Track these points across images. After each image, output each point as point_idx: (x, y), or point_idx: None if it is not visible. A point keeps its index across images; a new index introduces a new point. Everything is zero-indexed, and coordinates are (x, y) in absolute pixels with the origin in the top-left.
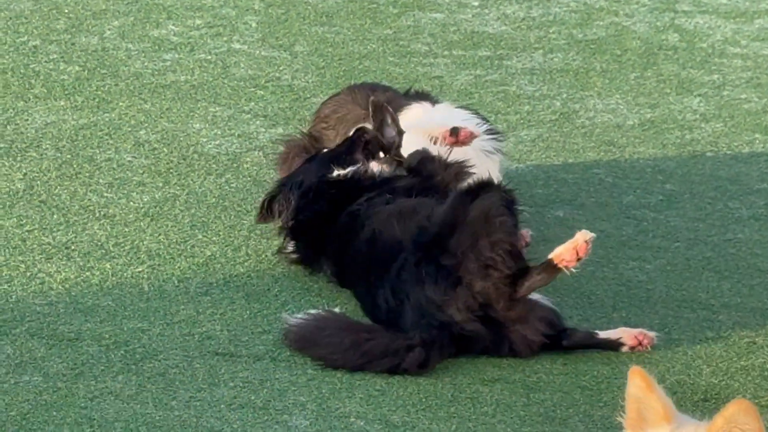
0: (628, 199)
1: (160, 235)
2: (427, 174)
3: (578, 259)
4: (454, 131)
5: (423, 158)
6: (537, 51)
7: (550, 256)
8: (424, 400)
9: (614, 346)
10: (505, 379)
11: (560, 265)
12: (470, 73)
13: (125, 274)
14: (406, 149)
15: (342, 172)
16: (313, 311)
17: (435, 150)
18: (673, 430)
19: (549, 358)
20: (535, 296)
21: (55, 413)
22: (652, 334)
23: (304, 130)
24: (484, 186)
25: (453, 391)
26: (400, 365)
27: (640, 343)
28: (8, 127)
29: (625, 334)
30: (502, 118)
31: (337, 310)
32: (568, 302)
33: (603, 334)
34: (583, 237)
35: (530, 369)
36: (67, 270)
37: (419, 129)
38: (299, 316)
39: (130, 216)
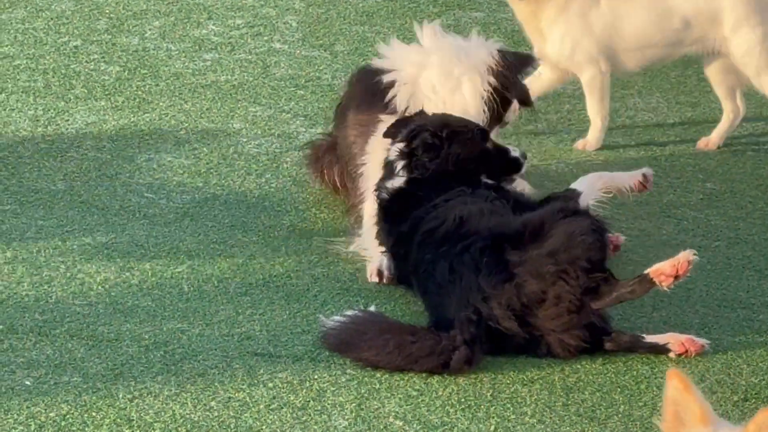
0: (669, 197)
1: (200, 235)
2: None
3: (676, 278)
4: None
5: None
6: None
7: (648, 270)
8: (463, 400)
9: (660, 351)
10: (545, 379)
11: (656, 280)
12: None
13: (165, 274)
14: None
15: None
16: (349, 312)
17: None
18: None
19: (589, 357)
20: None
21: (94, 414)
22: (701, 341)
23: (327, 131)
24: (579, 211)
25: (492, 391)
26: (446, 365)
27: (687, 351)
28: (49, 127)
29: (672, 340)
30: (542, 118)
31: (372, 308)
32: None
33: (650, 338)
34: (686, 257)
35: (570, 369)
36: (107, 270)
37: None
38: (336, 318)
39: (170, 216)
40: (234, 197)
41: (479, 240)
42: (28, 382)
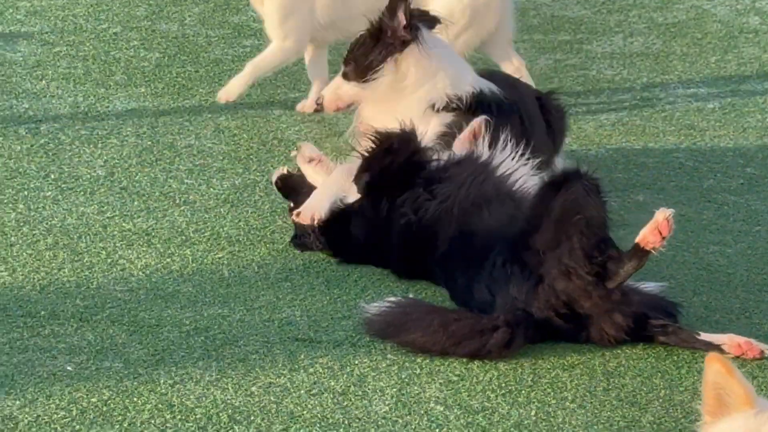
0: (709, 183)
1: (240, 221)
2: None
3: (663, 238)
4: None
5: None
6: (617, 35)
7: (636, 240)
8: (503, 385)
9: (714, 351)
10: (585, 364)
11: (647, 248)
12: (550, 58)
13: (205, 260)
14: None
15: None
16: (392, 298)
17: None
18: (756, 414)
19: (629, 343)
20: (648, 286)
21: (135, 399)
22: (761, 346)
23: None
24: (567, 176)
25: (533, 376)
26: (486, 346)
27: (743, 353)
28: (89, 114)
29: (729, 341)
30: (582, 103)
31: (410, 296)
32: None
33: (706, 337)
34: (663, 215)
35: (610, 354)
36: (147, 256)
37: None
38: (378, 304)
39: (211, 202)
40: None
41: (498, 255)
42: (69, 368)
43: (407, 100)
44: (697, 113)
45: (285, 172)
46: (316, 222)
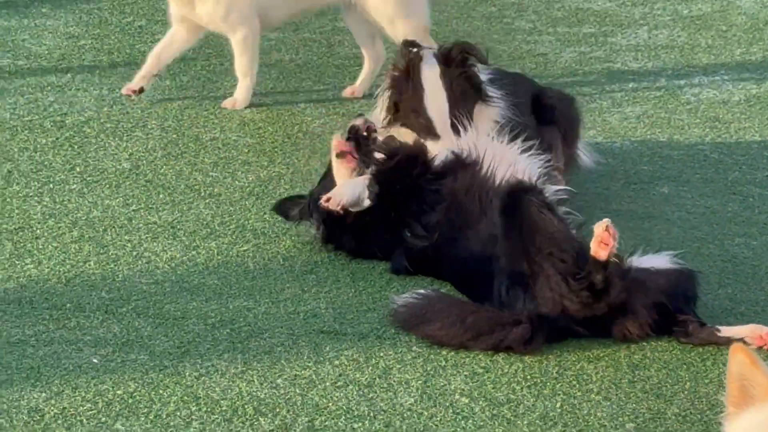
0: (734, 175)
1: (265, 213)
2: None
3: (611, 246)
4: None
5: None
6: (642, 27)
7: (591, 255)
8: (529, 377)
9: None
10: (611, 357)
11: (603, 258)
12: (575, 50)
13: (231, 252)
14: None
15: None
16: (421, 291)
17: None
18: None
19: (654, 335)
20: (658, 260)
21: (161, 391)
22: None
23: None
24: (514, 198)
25: (558, 368)
26: (505, 340)
27: (766, 344)
28: (114, 107)
29: (751, 333)
30: (606, 95)
31: (438, 288)
32: None
33: (727, 332)
34: (600, 229)
35: (636, 346)
36: (172, 249)
37: None
38: (406, 296)
39: (236, 195)
40: (299, 176)
41: (500, 282)
42: (95, 360)
43: None
44: (722, 105)
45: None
46: (340, 208)
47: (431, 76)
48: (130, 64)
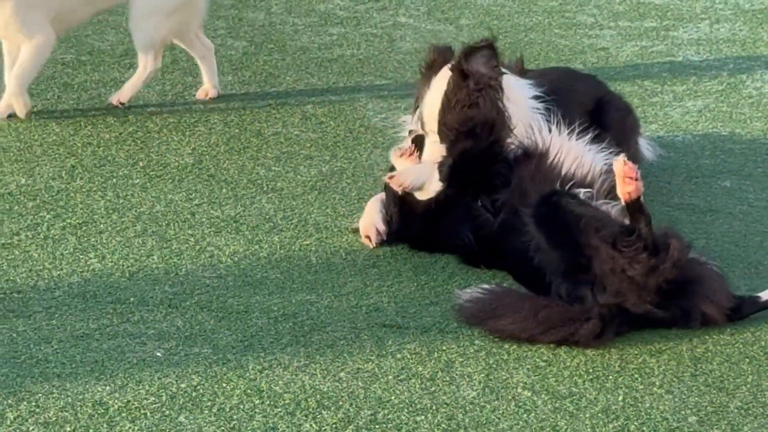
0: None
1: (327, 208)
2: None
3: (636, 181)
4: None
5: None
6: (703, 21)
7: (623, 201)
8: (591, 371)
9: None
10: (673, 350)
11: (633, 198)
12: (636, 45)
13: (293, 247)
14: None
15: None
16: (486, 285)
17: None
18: None
19: (716, 328)
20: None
21: (224, 385)
22: None
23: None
24: (549, 204)
25: (620, 362)
26: (574, 335)
27: None
28: (177, 102)
29: None
30: (668, 89)
31: (501, 283)
32: (735, 272)
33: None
34: (619, 166)
35: (698, 340)
36: (235, 243)
37: None
38: (471, 290)
39: (298, 189)
40: (361, 170)
41: (557, 286)
42: (159, 354)
43: None
44: None
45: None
46: (401, 190)
47: (443, 76)
48: (192, 59)
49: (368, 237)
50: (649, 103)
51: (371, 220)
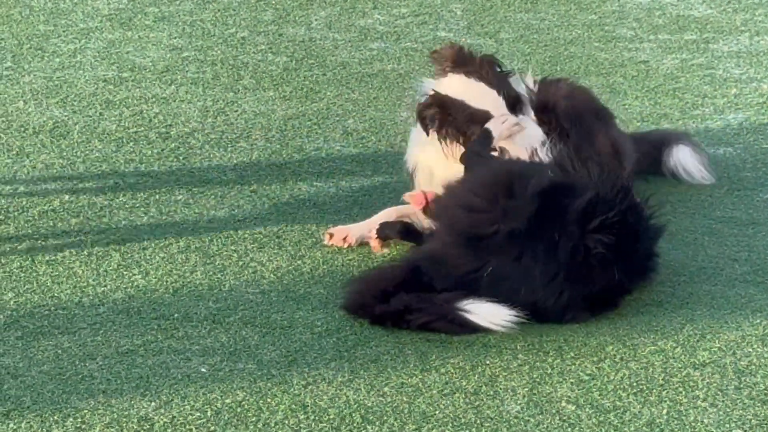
0: None
1: None
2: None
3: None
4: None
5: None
6: (743, 34)
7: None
8: (635, 384)
9: None
10: (716, 363)
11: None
12: (676, 57)
13: (336, 262)
14: None
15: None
16: None
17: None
18: None
19: (760, 340)
20: None
21: (269, 400)
22: None
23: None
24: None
25: (664, 375)
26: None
27: None
28: (218, 118)
29: None
30: (708, 102)
31: None
32: None
33: None
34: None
35: (741, 352)
36: (278, 258)
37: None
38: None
39: (340, 204)
40: (403, 185)
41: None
42: (203, 369)
43: None
44: None
45: None
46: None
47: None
48: (234, 75)
49: (330, 235)
50: (690, 116)
51: (359, 229)
